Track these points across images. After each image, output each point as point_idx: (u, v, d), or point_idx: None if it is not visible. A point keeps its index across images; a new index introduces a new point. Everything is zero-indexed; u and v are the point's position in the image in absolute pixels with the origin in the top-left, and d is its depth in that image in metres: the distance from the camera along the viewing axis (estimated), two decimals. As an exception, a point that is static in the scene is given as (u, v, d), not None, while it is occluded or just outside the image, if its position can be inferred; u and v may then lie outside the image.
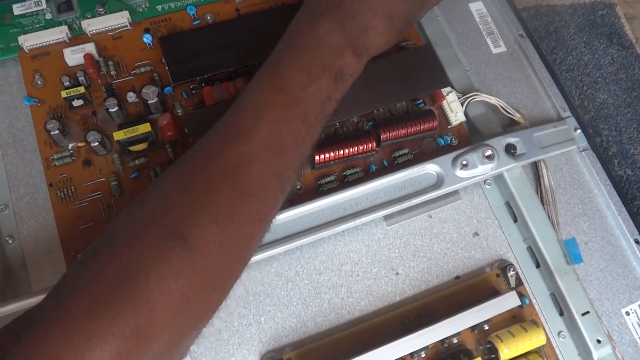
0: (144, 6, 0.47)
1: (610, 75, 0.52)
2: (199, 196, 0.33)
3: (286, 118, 0.35)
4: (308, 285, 0.42)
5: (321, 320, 0.41)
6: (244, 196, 0.34)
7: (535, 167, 0.47)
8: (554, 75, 0.51)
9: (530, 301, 0.42)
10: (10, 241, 0.41)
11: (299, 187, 0.43)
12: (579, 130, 0.48)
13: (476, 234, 0.45)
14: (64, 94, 0.42)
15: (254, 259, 0.39)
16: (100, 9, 0.46)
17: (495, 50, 0.51)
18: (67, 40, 0.45)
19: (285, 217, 0.40)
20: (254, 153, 0.34)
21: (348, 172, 0.44)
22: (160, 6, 0.47)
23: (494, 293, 0.42)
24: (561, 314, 0.43)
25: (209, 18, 0.47)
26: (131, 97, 0.43)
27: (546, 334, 0.40)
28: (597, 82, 0.52)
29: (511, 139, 0.45)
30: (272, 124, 0.35)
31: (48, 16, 0.46)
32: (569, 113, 0.49)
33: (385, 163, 0.44)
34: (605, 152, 0.49)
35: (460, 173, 0.43)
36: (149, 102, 0.42)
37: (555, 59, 0.53)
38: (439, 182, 0.43)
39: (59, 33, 0.44)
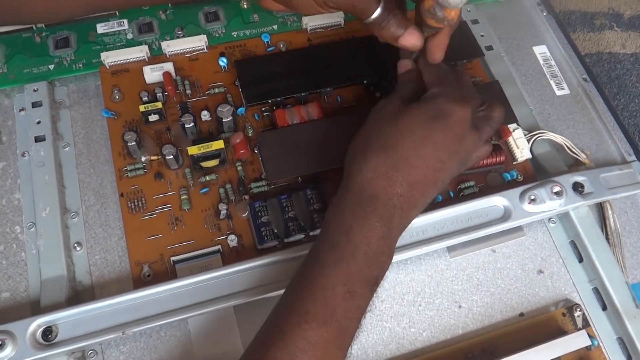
0: (220, 32, 0.49)
1: (676, 126, 0.52)
2: None
3: (329, 356, 0.33)
4: (370, 313, 0.41)
5: (382, 349, 0.40)
6: None
7: (600, 208, 0.46)
8: (618, 119, 0.51)
9: (598, 344, 0.41)
10: (78, 248, 0.41)
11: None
12: (645, 175, 0.48)
13: (540, 271, 0.44)
14: (142, 108, 0.43)
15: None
16: (180, 32, 0.48)
17: (558, 92, 0.52)
18: (147, 59, 0.47)
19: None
20: None
21: (414, 200, 0.44)
22: (235, 32, 0.49)
23: (560, 333, 0.41)
24: (629, 359, 0.41)
25: (282, 46, 0.49)
26: (205, 115, 0.44)
27: (616, 379, 0.39)
28: (661, 131, 0.52)
29: (578, 178, 0.44)
30: None
31: (129, 36, 0.48)
32: (634, 157, 0.49)
33: (451, 194, 0.44)
34: (671, 200, 0.48)
35: (528, 207, 0.42)
36: (224, 120, 0.43)
37: (618, 105, 0.53)
38: (506, 216, 0.42)
39: (140, 52, 0.46)
